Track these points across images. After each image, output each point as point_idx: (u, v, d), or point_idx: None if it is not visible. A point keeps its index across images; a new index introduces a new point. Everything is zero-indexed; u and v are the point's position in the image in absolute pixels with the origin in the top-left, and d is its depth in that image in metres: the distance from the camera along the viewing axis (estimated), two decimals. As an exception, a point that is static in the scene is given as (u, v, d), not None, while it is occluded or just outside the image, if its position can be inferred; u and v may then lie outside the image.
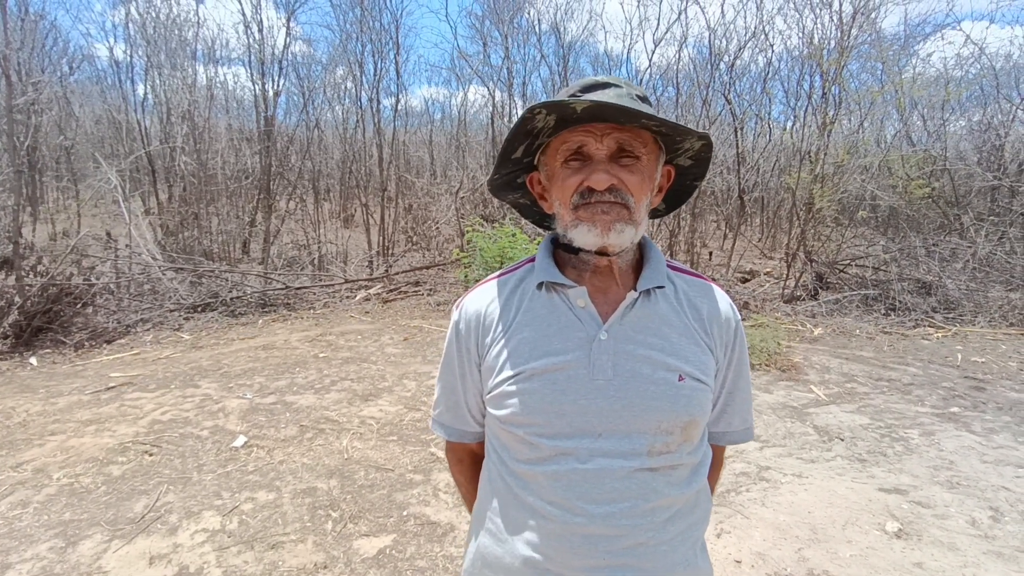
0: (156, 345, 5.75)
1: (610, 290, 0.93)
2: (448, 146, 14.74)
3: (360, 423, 3.89)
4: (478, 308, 0.97)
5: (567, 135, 0.86)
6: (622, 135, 0.84)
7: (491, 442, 0.98)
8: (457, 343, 0.98)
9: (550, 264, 0.93)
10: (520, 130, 0.86)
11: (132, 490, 2.99)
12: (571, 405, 0.86)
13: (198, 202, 9.21)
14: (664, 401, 0.86)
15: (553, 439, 0.86)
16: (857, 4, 8.22)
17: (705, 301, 0.96)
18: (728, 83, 10.06)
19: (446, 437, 1.05)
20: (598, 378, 0.86)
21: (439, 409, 1.05)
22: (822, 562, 2.50)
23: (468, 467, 1.09)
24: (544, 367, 0.87)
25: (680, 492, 0.90)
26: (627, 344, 0.88)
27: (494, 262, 6.89)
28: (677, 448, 0.89)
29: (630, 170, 0.85)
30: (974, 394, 4.66)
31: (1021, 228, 8.37)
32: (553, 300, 0.92)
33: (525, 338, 0.90)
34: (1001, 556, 2.55)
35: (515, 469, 0.91)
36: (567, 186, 0.86)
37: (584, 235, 0.86)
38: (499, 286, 0.98)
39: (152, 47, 9.79)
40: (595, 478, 0.85)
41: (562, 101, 0.80)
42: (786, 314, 7.36)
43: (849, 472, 3.33)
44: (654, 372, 0.87)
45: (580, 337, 0.88)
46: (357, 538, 2.63)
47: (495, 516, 0.94)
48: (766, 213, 12.95)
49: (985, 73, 9.47)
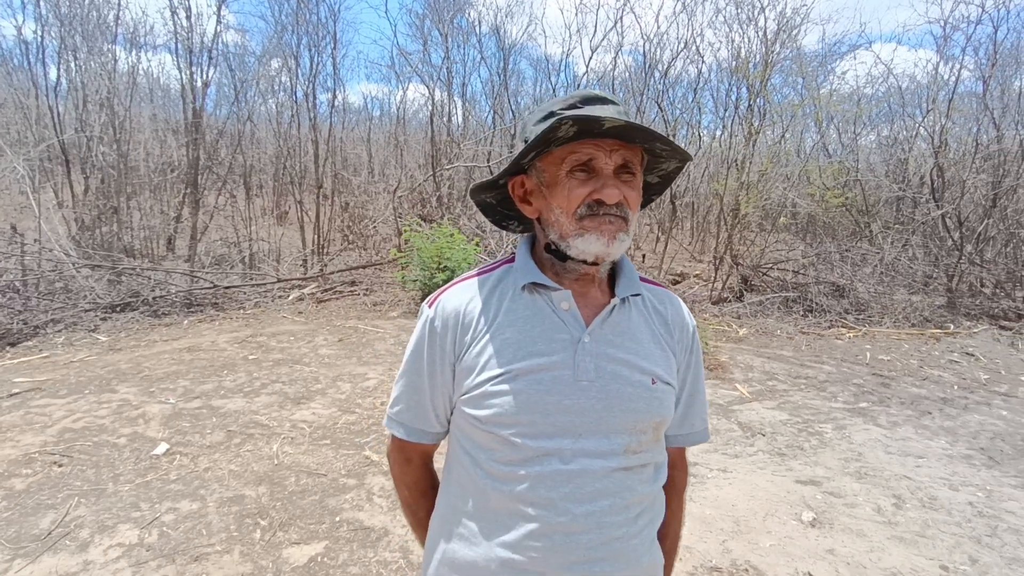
0: (68, 347, 5.38)
1: (590, 295, 0.96)
2: (387, 144, 14.52)
3: (291, 427, 3.78)
4: (457, 306, 0.95)
5: (577, 146, 0.88)
6: (627, 152, 0.89)
7: (462, 444, 0.97)
8: (430, 341, 0.96)
9: (533, 266, 0.95)
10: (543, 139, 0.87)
11: (38, 504, 2.79)
12: (556, 405, 0.87)
13: (118, 195, 8.68)
14: (640, 403, 0.91)
15: (536, 439, 0.87)
16: (780, 22, 8.69)
17: (667, 308, 1.02)
18: (661, 91, 10.42)
19: (404, 437, 1.02)
20: (582, 379, 0.89)
21: (399, 407, 1.02)
22: (744, 553, 2.63)
23: (416, 467, 1.07)
24: (529, 367, 0.88)
25: (649, 489, 0.95)
26: (607, 347, 0.91)
27: (431, 262, 6.85)
28: (648, 448, 0.94)
29: (630, 186, 0.90)
30: (881, 390, 5.02)
31: (922, 236, 9.07)
32: (536, 302, 0.93)
33: (509, 338, 0.91)
34: (903, 540, 2.76)
35: (492, 471, 0.90)
36: (574, 196, 0.88)
37: (590, 244, 0.88)
38: (479, 284, 0.98)
39: (67, 27, 9.14)
40: (578, 478, 0.87)
41: (593, 117, 0.83)
42: (714, 315, 7.68)
43: (769, 466, 3.52)
44: (631, 375, 0.91)
45: (564, 339, 0.90)
46: (287, 546, 2.56)
47: (468, 520, 0.93)
48: (696, 218, 13.46)
49: (892, 92, 10.22)
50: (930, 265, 8.70)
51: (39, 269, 6.74)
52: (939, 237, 8.97)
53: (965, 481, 3.40)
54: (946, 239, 8.78)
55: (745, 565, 2.54)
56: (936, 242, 9.00)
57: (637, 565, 0.93)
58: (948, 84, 9.03)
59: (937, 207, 8.62)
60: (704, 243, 12.78)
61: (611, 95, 0.94)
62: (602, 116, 0.82)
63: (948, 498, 3.18)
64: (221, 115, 11.21)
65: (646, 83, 10.34)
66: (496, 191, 1.05)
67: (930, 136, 8.88)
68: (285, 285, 8.26)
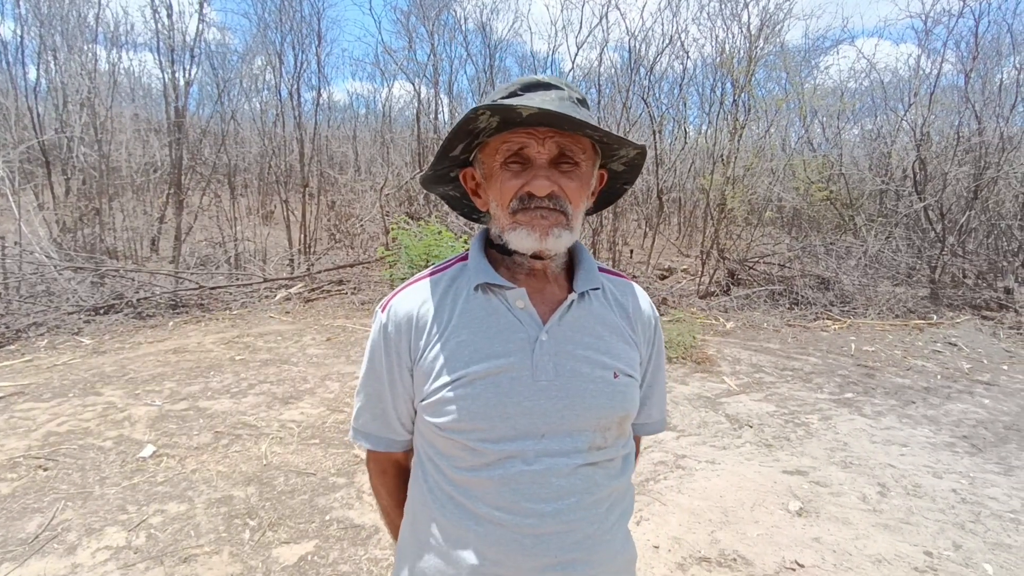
0: (52, 351, 5.31)
1: (546, 291, 0.93)
2: (373, 142, 14.44)
3: (280, 427, 3.76)
4: (409, 309, 0.92)
5: (508, 135, 0.85)
6: (563, 140, 0.84)
7: (425, 451, 0.94)
8: (385, 346, 0.93)
9: (486, 265, 0.91)
10: (462, 129, 0.85)
11: (24, 508, 2.76)
12: (515, 407, 0.85)
13: (100, 196, 8.56)
14: (603, 398, 0.89)
15: (498, 443, 0.85)
16: (764, 17, 8.75)
17: (629, 300, 1.00)
18: (647, 87, 10.45)
19: (371, 447, 0.99)
20: (540, 379, 0.86)
21: (363, 419, 0.98)
22: (732, 543, 2.66)
23: (392, 478, 1.05)
24: (486, 370, 0.86)
25: (616, 482, 0.93)
26: (566, 344, 0.89)
27: (419, 260, 6.83)
28: (613, 442, 0.92)
29: (569, 176, 0.85)
30: (865, 380, 5.09)
31: (905, 228, 9.19)
32: (491, 302, 0.90)
33: (464, 341, 0.88)
34: (888, 527, 2.80)
35: (455, 478, 0.88)
36: (506, 189, 0.86)
37: (522, 239, 0.86)
38: (431, 285, 0.94)
39: (46, 27, 9.00)
40: (542, 478, 0.85)
41: (508, 105, 0.79)
42: (701, 309, 7.73)
43: (757, 457, 3.56)
44: (592, 371, 0.89)
45: (521, 338, 0.88)
46: (277, 546, 2.55)
47: (435, 529, 0.91)
48: (683, 213, 13.54)
49: (875, 86, 10.33)
50: (913, 257, 8.82)
51: (20, 272, 6.64)
52: (922, 229, 9.09)
53: (948, 469, 3.45)
54: (929, 231, 8.89)
55: (733, 555, 2.56)
56: (919, 234, 9.11)
57: (611, 562, 0.92)
58: (930, 78, 9.14)
59: (920, 199, 8.73)
60: (691, 238, 12.85)
61: (556, 80, 0.89)
62: (517, 105, 0.78)
63: (932, 485, 3.23)
64: (204, 114, 11.11)
65: (631, 79, 10.37)
66: (453, 184, 1.02)
67: (912, 129, 8.98)
68: (272, 285, 8.20)
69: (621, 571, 0.96)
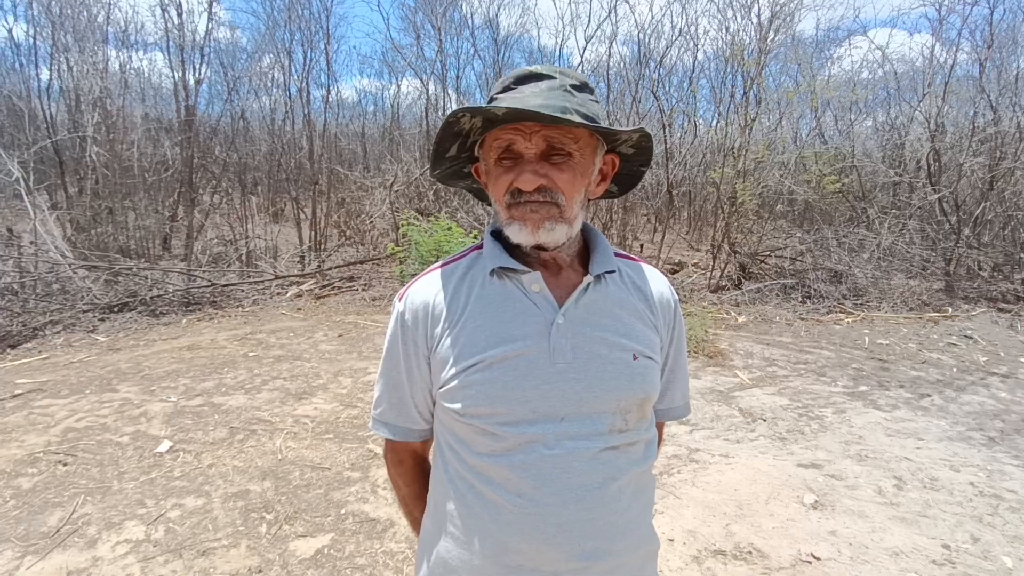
0: (68, 348, 5.38)
1: (561, 275, 0.93)
2: (381, 139, 14.47)
3: (294, 422, 3.79)
4: (425, 298, 0.93)
5: (499, 132, 0.85)
6: (550, 133, 0.83)
7: (445, 439, 0.94)
8: (403, 336, 0.94)
9: (501, 250, 0.91)
10: (447, 132, 0.86)
11: (45, 503, 2.80)
12: (534, 391, 0.85)
13: (112, 196, 8.65)
14: (622, 380, 0.88)
15: (518, 426, 0.85)
16: (775, 8, 8.66)
17: (647, 283, 0.99)
18: (657, 81, 10.40)
19: (390, 436, 1.00)
20: (559, 362, 0.86)
21: (381, 407, 0.99)
22: (747, 535, 2.65)
23: (409, 468, 1.05)
24: (504, 354, 0.86)
25: (639, 468, 0.92)
26: (583, 327, 0.88)
27: (430, 256, 6.83)
28: (635, 426, 0.91)
29: (560, 168, 0.84)
30: (879, 374, 5.04)
31: (919, 220, 9.09)
32: (507, 286, 0.90)
33: (480, 326, 0.88)
34: (904, 520, 2.78)
35: (475, 463, 0.88)
36: (500, 184, 0.86)
37: (516, 233, 0.86)
38: (446, 275, 0.95)
39: (58, 29, 9.08)
40: (564, 462, 0.84)
41: (482, 107, 0.80)
42: (712, 303, 7.69)
43: (771, 450, 3.54)
44: (611, 352, 0.88)
45: (538, 322, 0.87)
46: (293, 539, 2.57)
47: (457, 518, 0.90)
48: (693, 207, 13.46)
49: (888, 77, 10.21)
50: (928, 249, 8.72)
51: (36, 271, 6.72)
52: (936, 221, 8.98)
53: (965, 461, 3.42)
54: (943, 223, 8.79)
55: (748, 547, 2.56)
56: (933, 226, 9.01)
57: (635, 551, 0.91)
58: (944, 68, 9.02)
59: (934, 191, 8.63)
60: (702, 232, 12.78)
61: (550, 69, 0.88)
62: (491, 107, 0.80)
63: (949, 478, 3.21)
64: (214, 113, 11.18)
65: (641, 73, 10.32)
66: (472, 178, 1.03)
67: (926, 120, 8.87)
68: (283, 282, 8.25)
69: (645, 561, 0.95)
